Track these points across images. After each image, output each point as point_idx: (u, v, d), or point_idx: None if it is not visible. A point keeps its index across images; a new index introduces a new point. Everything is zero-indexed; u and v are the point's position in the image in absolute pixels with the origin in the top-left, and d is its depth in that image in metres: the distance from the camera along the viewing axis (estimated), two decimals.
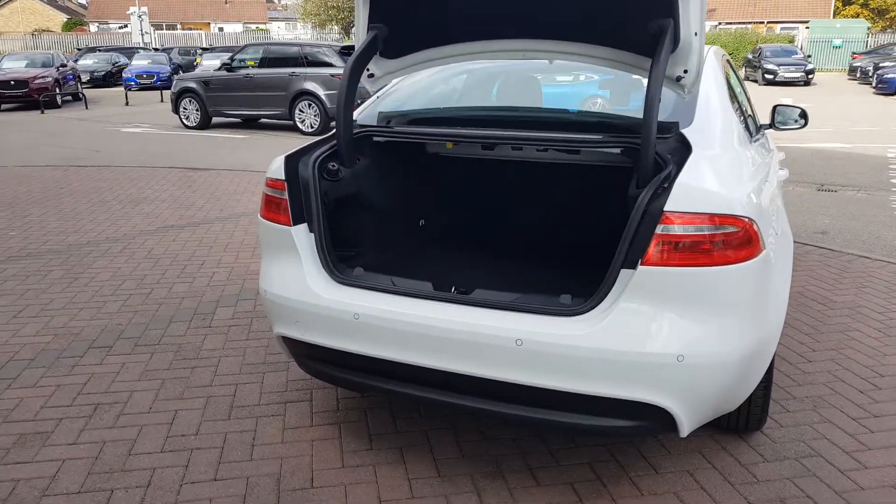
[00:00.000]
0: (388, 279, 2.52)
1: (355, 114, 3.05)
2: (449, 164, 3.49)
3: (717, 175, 2.26)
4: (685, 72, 2.45)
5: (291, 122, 12.87)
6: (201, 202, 7.20)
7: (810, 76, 25.00)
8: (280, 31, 52.03)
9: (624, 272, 2.16)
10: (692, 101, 2.63)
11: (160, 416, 3.02)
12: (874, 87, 21.60)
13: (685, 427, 2.24)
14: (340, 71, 12.38)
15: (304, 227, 2.60)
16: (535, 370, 2.18)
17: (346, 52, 12.85)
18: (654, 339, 2.12)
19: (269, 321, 2.74)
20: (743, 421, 2.78)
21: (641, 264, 2.11)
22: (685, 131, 2.47)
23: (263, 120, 13.94)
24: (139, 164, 9.60)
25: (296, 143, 3.41)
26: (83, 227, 6.20)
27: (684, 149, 2.37)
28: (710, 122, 2.59)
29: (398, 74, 2.97)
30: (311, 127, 12.66)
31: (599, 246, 2.95)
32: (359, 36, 2.77)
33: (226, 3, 54.55)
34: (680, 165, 2.23)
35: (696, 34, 2.36)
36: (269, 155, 10.68)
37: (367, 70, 2.88)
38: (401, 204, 3.25)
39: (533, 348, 2.17)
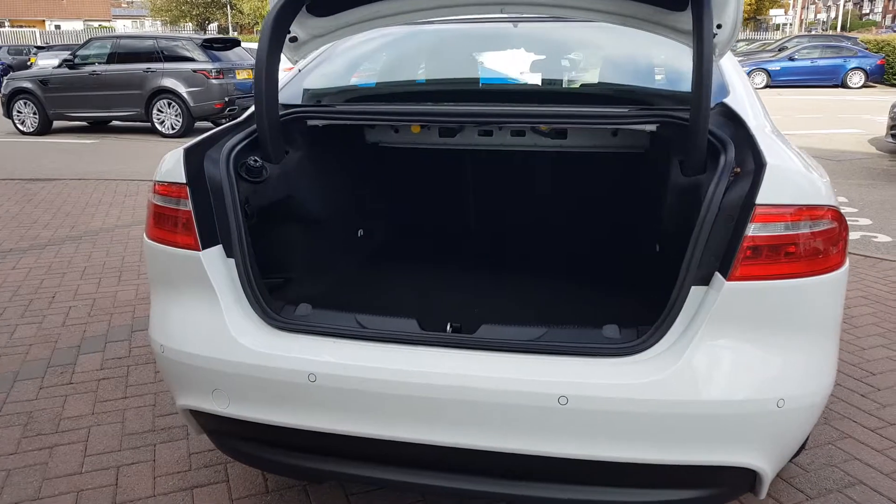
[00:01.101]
0: (350, 317, 1.77)
1: None
2: (399, 156, 2.74)
3: (794, 156, 1.73)
4: (719, 27, 1.92)
5: (149, 124, 11.66)
6: (46, 219, 5.95)
7: None
8: (127, 29, 48.29)
9: (695, 290, 1.58)
10: (718, 66, 2.12)
11: None
12: None
13: (766, 486, 1.70)
14: (203, 66, 11.27)
15: (217, 250, 1.80)
16: (588, 437, 1.54)
17: (208, 45, 11.66)
18: (748, 380, 1.55)
19: (171, 390, 1.90)
20: None
21: (727, 279, 1.53)
22: (727, 102, 1.94)
23: (115, 122, 12.46)
24: None
25: (156, 146, 2.47)
26: None
27: (735, 124, 1.84)
28: (742, 93, 2.08)
29: (330, 39, 2.22)
30: (172, 128, 11.56)
31: (613, 253, 2.35)
32: None
33: None
34: (742, 145, 1.69)
35: None
36: (125, 161, 9.36)
37: (289, 33, 2.11)
38: (345, 210, 2.50)
39: (583, 407, 1.53)
